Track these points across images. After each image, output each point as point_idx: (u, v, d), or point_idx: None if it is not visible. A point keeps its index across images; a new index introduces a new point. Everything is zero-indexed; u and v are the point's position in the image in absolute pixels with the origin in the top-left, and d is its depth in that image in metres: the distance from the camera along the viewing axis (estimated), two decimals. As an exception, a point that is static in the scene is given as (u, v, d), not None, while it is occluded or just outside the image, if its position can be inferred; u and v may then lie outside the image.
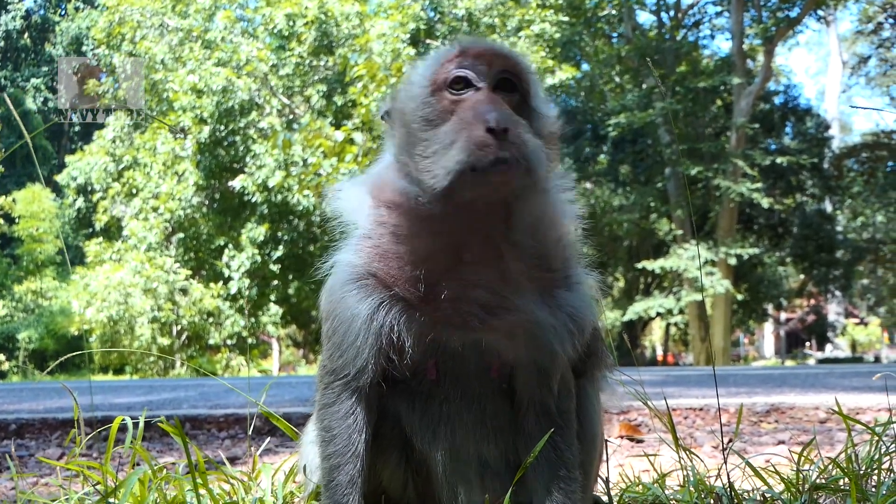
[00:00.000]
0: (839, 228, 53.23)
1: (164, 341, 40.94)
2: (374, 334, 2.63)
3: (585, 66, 48.33)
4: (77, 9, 64.84)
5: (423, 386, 2.80)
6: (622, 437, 6.69)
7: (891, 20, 48.41)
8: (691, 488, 3.30)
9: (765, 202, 40.85)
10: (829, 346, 68.36)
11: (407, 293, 2.63)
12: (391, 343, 2.65)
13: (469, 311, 2.63)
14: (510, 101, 2.52)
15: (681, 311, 43.94)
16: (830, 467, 3.41)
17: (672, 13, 47.50)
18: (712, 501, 3.14)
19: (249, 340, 41.77)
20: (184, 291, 41.12)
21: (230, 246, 41.17)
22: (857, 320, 73.79)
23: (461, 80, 2.53)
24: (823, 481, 3.28)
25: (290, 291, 43.05)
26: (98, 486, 3.35)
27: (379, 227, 2.69)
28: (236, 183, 38.91)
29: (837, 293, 58.07)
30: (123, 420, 3.49)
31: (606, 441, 3.27)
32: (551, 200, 2.74)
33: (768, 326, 71.95)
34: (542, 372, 2.73)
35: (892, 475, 3.26)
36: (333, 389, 2.74)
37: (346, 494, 2.67)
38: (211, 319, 41.47)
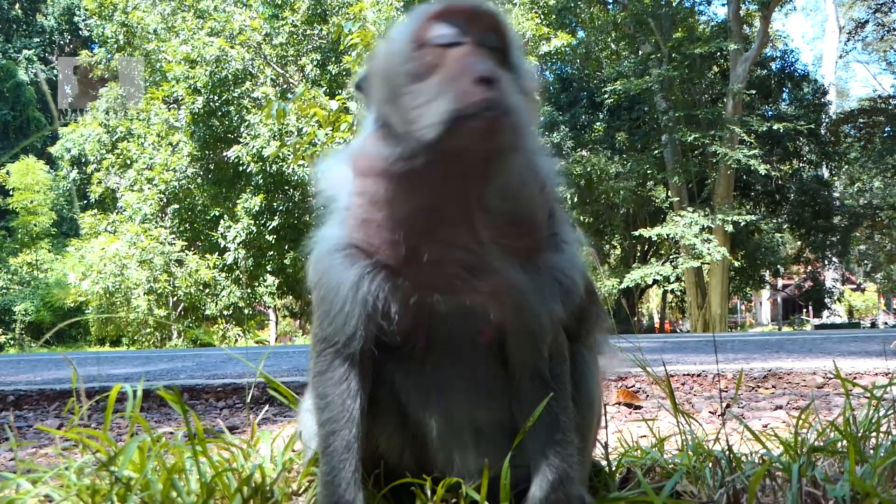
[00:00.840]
0: (836, 194, 53.25)
1: (161, 312, 41.01)
2: (361, 302, 2.65)
3: (581, 34, 48.19)
4: (68, -21, 64.49)
5: (415, 352, 2.82)
6: (620, 404, 6.71)
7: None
8: (690, 452, 3.32)
9: (762, 169, 40.80)
10: (825, 313, 68.49)
11: (388, 259, 2.65)
12: (377, 310, 2.66)
13: (452, 273, 2.64)
14: (499, 60, 2.55)
15: (678, 279, 44.01)
16: (829, 430, 3.43)
17: (668, -22, 47.38)
18: (711, 465, 3.15)
19: (246, 311, 41.85)
20: (179, 262, 41.18)
21: (225, 216, 41.19)
22: (853, 286, 74.06)
23: (450, 37, 2.54)
24: (822, 444, 3.30)
25: (287, 262, 43.07)
26: (97, 455, 3.36)
27: (357, 198, 2.71)
28: (231, 153, 38.85)
29: (834, 259, 58.03)
30: (122, 389, 3.49)
31: (605, 406, 3.28)
32: (530, 161, 2.75)
33: (765, 293, 72.21)
34: (532, 336, 2.74)
35: (889, 437, 3.27)
36: (326, 357, 2.76)
37: (342, 460, 2.68)
38: (207, 290, 41.55)
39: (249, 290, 41.28)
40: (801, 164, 49.15)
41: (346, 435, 2.70)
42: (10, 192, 51.13)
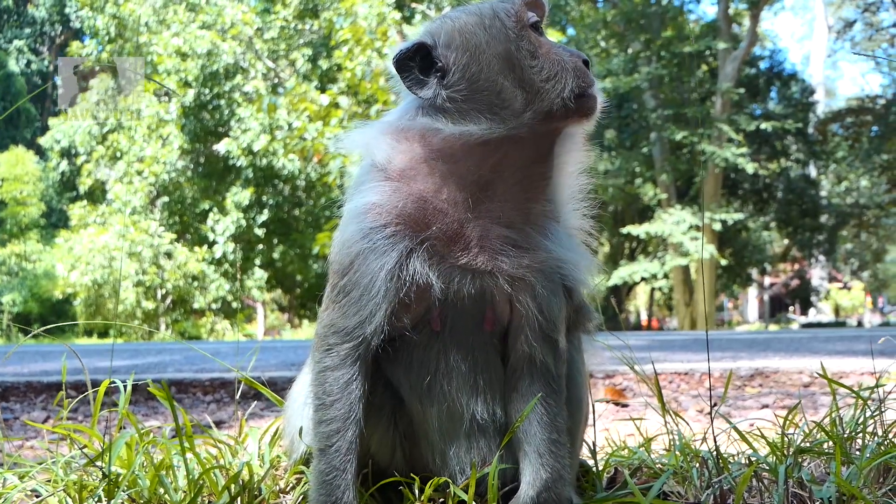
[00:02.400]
0: (823, 193, 53.44)
1: (149, 305, 40.94)
2: (403, 284, 2.63)
3: (571, 31, 48.16)
4: (60, -31, 64.12)
5: (422, 338, 2.79)
6: (607, 402, 6.71)
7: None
8: (677, 452, 3.32)
9: (749, 167, 40.92)
10: (812, 311, 68.71)
11: (436, 233, 2.65)
12: (419, 288, 2.65)
13: (494, 248, 2.68)
14: None
15: (665, 276, 44.07)
16: (815, 431, 3.43)
17: (658, -24, 47.39)
18: (698, 465, 3.15)
19: (234, 304, 41.77)
20: (168, 255, 41.12)
21: (215, 210, 41.14)
22: (840, 285, 74.16)
23: (537, 25, 2.76)
24: (808, 445, 3.30)
25: (275, 256, 43.05)
26: (85, 450, 3.35)
27: (409, 169, 2.71)
28: (221, 147, 38.84)
29: (821, 258, 58.30)
30: (111, 383, 3.48)
31: (592, 404, 3.28)
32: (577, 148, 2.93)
33: (752, 291, 72.26)
34: (550, 323, 2.75)
35: (876, 438, 3.27)
36: (339, 352, 2.70)
37: (344, 461, 2.65)
38: (196, 283, 41.48)
39: (239, 284, 41.21)
40: (788, 163, 49.25)
41: (350, 436, 2.67)
42: (0, 183, 50.87)
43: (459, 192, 2.66)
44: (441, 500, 2.89)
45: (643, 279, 45.34)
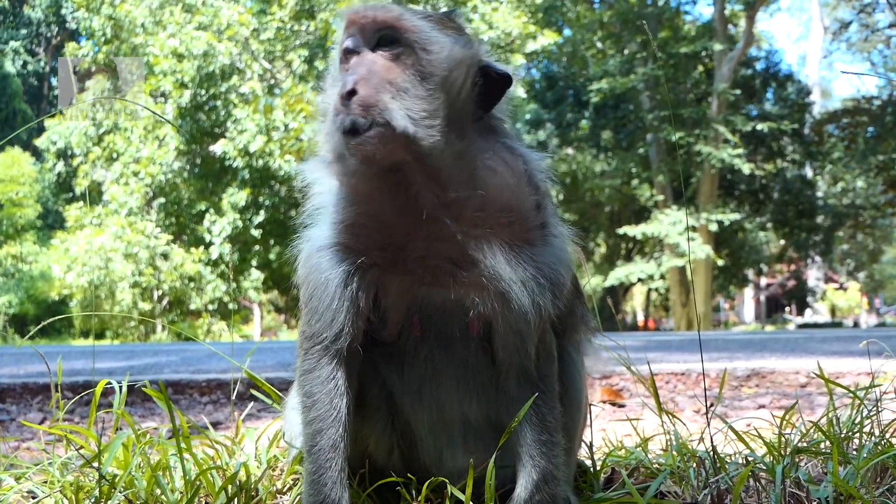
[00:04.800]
0: (819, 194, 53.43)
1: (145, 306, 40.86)
2: (350, 298, 2.65)
3: (567, 32, 48.19)
4: (56, -30, 64.06)
5: (409, 344, 2.82)
6: (604, 402, 6.71)
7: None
8: (674, 452, 3.32)
9: (746, 168, 40.97)
10: (808, 311, 68.74)
11: (377, 259, 2.66)
12: (368, 306, 2.69)
13: (437, 266, 2.65)
14: (394, 55, 2.55)
15: (662, 277, 44.09)
16: (812, 431, 3.43)
17: (654, -23, 47.41)
18: (695, 465, 3.15)
19: (231, 306, 41.71)
20: (165, 256, 41.05)
21: (211, 211, 41.05)
22: (836, 285, 74.21)
23: (349, 49, 2.60)
24: (805, 445, 3.30)
25: (272, 257, 42.99)
26: (82, 451, 3.35)
27: (341, 201, 2.71)
28: (217, 148, 38.77)
29: (817, 258, 58.31)
30: (107, 384, 3.48)
31: (590, 405, 3.28)
32: (490, 148, 2.69)
33: (748, 292, 72.26)
34: (518, 335, 2.72)
35: (872, 438, 3.27)
36: (313, 355, 2.74)
37: (329, 459, 2.66)
38: (192, 284, 41.43)
39: (235, 285, 41.17)
40: (784, 164, 49.26)
41: (333, 434, 2.68)
42: (-5, 184, 50.82)
43: (388, 217, 2.64)
44: (438, 500, 2.89)
45: (640, 280, 45.39)
